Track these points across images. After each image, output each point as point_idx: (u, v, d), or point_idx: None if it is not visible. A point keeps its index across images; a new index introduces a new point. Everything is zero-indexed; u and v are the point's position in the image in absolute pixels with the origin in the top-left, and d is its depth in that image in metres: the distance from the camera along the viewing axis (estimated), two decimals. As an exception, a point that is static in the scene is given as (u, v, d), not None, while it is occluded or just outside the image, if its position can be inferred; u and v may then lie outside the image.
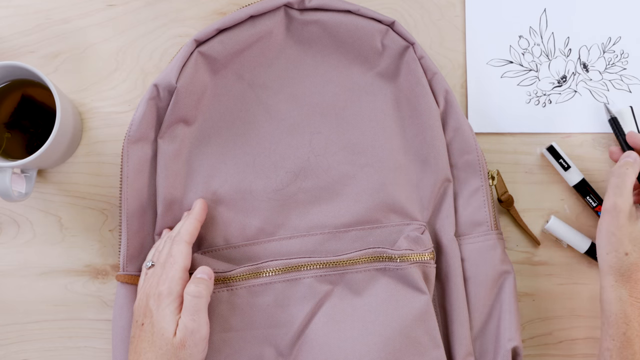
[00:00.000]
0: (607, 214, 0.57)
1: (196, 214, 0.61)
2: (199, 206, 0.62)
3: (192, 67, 0.62)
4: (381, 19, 0.64)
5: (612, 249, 0.57)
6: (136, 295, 0.61)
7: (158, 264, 0.58)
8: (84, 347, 0.67)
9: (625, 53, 0.69)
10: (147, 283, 0.58)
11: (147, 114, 0.62)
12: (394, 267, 0.61)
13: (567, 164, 0.67)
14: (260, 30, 0.63)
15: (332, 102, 0.65)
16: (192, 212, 0.61)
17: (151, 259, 0.60)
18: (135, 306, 0.58)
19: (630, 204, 0.57)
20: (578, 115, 0.69)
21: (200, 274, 0.58)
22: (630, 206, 0.57)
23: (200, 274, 0.58)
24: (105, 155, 0.68)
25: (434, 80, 0.64)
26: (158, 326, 0.55)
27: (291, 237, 0.64)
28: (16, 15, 0.69)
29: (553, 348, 0.68)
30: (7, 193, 0.60)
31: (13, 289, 0.67)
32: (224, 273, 0.60)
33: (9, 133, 0.65)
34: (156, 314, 0.55)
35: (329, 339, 0.60)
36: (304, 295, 0.61)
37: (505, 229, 0.68)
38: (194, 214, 0.61)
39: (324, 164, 0.64)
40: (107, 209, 0.68)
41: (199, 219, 0.61)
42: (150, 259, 0.60)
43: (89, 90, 0.69)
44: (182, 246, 0.58)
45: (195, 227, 0.60)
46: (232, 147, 0.64)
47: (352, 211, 0.64)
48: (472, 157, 0.64)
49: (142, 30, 0.69)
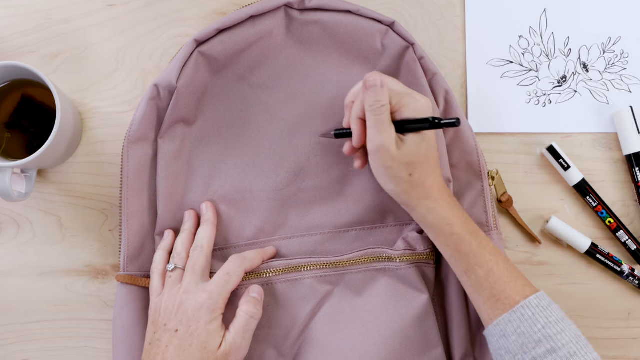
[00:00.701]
0: (376, 153, 0.56)
1: (214, 221, 0.62)
2: (212, 211, 0.63)
3: (192, 67, 0.62)
4: (381, 19, 0.64)
5: (396, 179, 0.56)
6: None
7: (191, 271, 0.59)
8: (84, 347, 0.67)
9: (625, 53, 0.69)
10: (176, 289, 0.58)
11: (147, 114, 0.62)
12: (393, 267, 0.61)
13: (567, 164, 0.67)
14: (261, 31, 0.63)
15: (332, 102, 0.65)
16: (207, 218, 0.62)
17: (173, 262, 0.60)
18: (157, 308, 0.58)
19: (393, 137, 0.55)
20: (578, 115, 0.69)
21: (254, 294, 0.59)
22: (395, 135, 0.56)
23: (254, 293, 0.59)
24: (105, 155, 0.68)
25: (433, 81, 0.64)
26: (199, 339, 0.55)
27: (291, 237, 0.64)
28: (16, 15, 0.69)
29: (553, 348, 0.68)
30: (7, 193, 0.60)
31: (13, 289, 0.67)
32: (224, 273, 0.61)
33: (9, 133, 0.64)
34: (197, 325, 0.56)
35: (329, 339, 0.60)
36: (304, 295, 0.61)
37: (505, 229, 0.69)
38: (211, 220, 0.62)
39: (324, 164, 0.64)
40: (107, 209, 0.68)
41: (215, 224, 0.63)
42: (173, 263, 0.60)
43: (89, 90, 0.69)
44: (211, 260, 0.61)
45: (214, 234, 0.62)
46: (232, 147, 0.64)
47: (352, 211, 0.64)
48: (472, 158, 0.64)
49: (142, 30, 0.69)
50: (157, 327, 0.57)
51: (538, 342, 0.53)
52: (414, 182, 0.56)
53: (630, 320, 0.69)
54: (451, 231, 0.57)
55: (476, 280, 0.57)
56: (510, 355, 0.55)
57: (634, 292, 0.69)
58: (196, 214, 0.63)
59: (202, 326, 0.56)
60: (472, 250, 0.57)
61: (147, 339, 0.57)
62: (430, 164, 0.57)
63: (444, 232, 0.57)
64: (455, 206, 0.58)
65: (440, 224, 0.57)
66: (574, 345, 0.53)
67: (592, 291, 0.69)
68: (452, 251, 0.57)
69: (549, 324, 0.54)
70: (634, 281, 0.68)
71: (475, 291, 0.57)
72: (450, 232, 0.57)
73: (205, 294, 0.57)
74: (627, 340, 0.68)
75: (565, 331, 0.54)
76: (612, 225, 0.68)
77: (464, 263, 0.57)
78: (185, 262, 0.60)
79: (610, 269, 0.68)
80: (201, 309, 0.56)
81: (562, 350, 0.53)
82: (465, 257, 0.57)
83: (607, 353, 0.68)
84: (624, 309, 0.69)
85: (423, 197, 0.57)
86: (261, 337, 0.61)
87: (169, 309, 0.57)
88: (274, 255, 0.63)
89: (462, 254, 0.57)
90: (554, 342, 0.53)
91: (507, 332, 0.55)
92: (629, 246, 0.68)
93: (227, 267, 0.59)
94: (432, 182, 0.57)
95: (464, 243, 0.57)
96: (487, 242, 0.57)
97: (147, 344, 0.57)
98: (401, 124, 0.56)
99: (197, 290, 0.57)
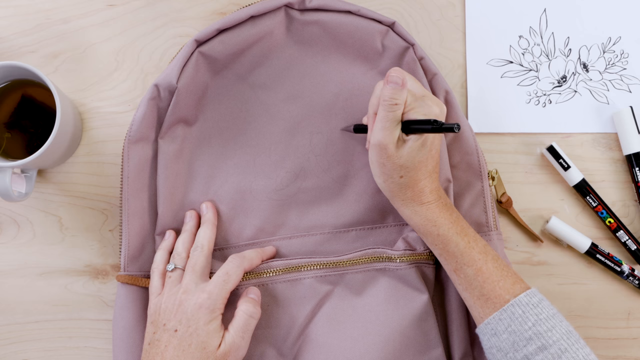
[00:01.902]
0: (374, 148, 0.57)
1: (214, 221, 0.63)
2: (211, 212, 0.63)
3: (192, 67, 0.62)
4: (381, 20, 0.64)
5: (387, 177, 0.58)
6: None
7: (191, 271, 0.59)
8: (84, 347, 0.67)
9: (625, 53, 0.69)
10: (176, 289, 0.58)
11: (147, 114, 0.62)
12: (393, 267, 0.61)
13: (567, 164, 0.67)
14: (261, 31, 0.63)
15: (332, 102, 0.65)
16: (208, 218, 0.63)
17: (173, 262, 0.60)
18: (156, 309, 0.58)
19: (395, 137, 0.56)
20: (578, 115, 0.69)
21: (252, 295, 0.59)
22: (396, 138, 0.56)
23: (252, 294, 0.59)
24: (105, 155, 0.68)
25: (433, 81, 0.64)
26: (199, 339, 0.55)
27: (291, 237, 0.64)
28: (16, 15, 0.69)
29: (553, 348, 0.68)
30: (7, 193, 0.60)
31: (13, 289, 0.67)
32: (225, 273, 0.61)
33: (9, 133, 0.64)
34: (197, 325, 0.56)
35: (329, 339, 0.60)
36: (304, 295, 0.61)
37: (505, 229, 0.69)
38: (211, 221, 0.62)
39: (324, 164, 0.65)
40: (107, 209, 0.68)
41: (215, 224, 0.63)
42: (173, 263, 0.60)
43: (89, 90, 0.69)
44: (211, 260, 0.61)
45: (214, 234, 0.62)
46: (233, 147, 0.64)
47: (352, 211, 0.64)
48: (472, 158, 0.64)
49: (142, 30, 0.69)
50: (156, 327, 0.57)
51: (529, 339, 0.54)
52: (403, 184, 0.57)
53: (630, 320, 0.69)
54: (437, 232, 0.58)
55: (465, 279, 0.57)
56: (502, 354, 0.55)
57: (634, 292, 0.69)
58: (197, 214, 0.64)
59: (201, 326, 0.56)
60: (459, 250, 0.57)
61: (147, 339, 0.57)
62: (425, 169, 0.57)
63: (430, 233, 0.58)
64: (444, 207, 0.58)
65: (426, 225, 0.58)
66: (564, 341, 0.53)
67: (592, 291, 0.69)
68: (440, 250, 0.58)
69: (539, 321, 0.54)
70: (634, 281, 0.68)
71: (465, 290, 0.58)
72: (436, 233, 0.58)
73: (205, 294, 0.57)
74: (627, 340, 0.69)
75: (556, 328, 0.54)
76: (612, 225, 0.68)
77: (453, 262, 0.58)
78: (186, 262, 0.60)
79: (610, 269, 0.68)
80: (200, 309, 0.56)
81: (553, 347, 0.53)
82: (452, 256, 0.58)
83: (607, 353, 0.68)
84: (624, 309, 0.69)
85: (410, 199, 0.58)
86: (261, 336, 0.61)
87: (168, 309, 0.57)
88: (274, 254, 0.63)
89: (450, 254, 0.58)
90: (544, 339, 0.53)
91: (498, 331, 0.55)
92: (629, 246, 0.68)
93: (226, 267, 0.59)
94: (422, 186, 0.58)
95: (450, 243, 0.57)
96: (476, 242, 0.58)
97: (146, 344, 0.57)
98: (406, 123, 0.56)
99: (196, 290, 0.57)
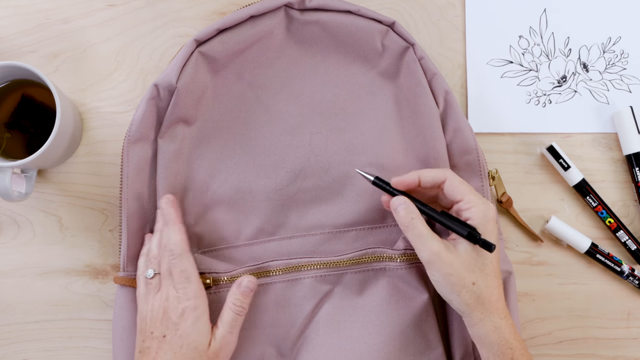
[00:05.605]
0: (431, 264, 0.55)
1: (175, 219, 0.60)
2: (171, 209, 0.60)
3: (192, 67, 0.62)
4: (381, 20, 0.64)
5: (459, 288, 0.55)
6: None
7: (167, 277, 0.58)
8: (84, 347, 0.67)
9: (625, 53, 0.69)
10: (158, 295, 0.57)
11: (147, 114, 0.62)
12: (393, 267, 0.61)
13: (567, 164, 0.67)
14: (261, 31, 0.63)
15: (332, 102, 0.65)
16: (169, 218, 0.60)
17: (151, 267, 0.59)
18: (143, 317, 0.57)
19: (440, 241, 0.55)
20: (578, 115, 0.69)
21: (243, 285, 0.58)
22: (441, 242, 0.55)
23: (243, 285, 0.58)
24: (105, 155, 0.68)
25: (433, 81, 0.64)
26: (189, 339, 0.55)
27: (291, 237, 0.64)
28: (16, 15, 0.69)
29: (553, 348, 0.68)
30: (7, 193, 0.60)
31: (13, 289, 0.67)
32: (224, 273, 0.61)
33: (9, 133, 0.64)
34: (184, 326, 0.55)
35: (329, 339, 0.60)
36: (304, 295, 0.61)
37: (505, 229, 0.69)
38: (172, 220, 0.59)
39: (324, 164, 0.64)
40: (107, 209, 0.68)
41: (180, 222, 0.60)
42: (151, 268, 0.59)
43: (89, 90, 0.69)
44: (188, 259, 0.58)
45: (183, 233, 0.59)
46: (232, 147, 0.64)
47: (352, 211, 0.64)
48: (472, 158, 0.64)
49: (142, 30, 0.69)
50: (144, 336, 0.57)
51: None
52: (479, 293, 0.55)
53: (630, 320, 0.69)
54: (512, 356, 0.54)
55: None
56: None
57: (634, 292, 0.69)
58: None
59: (189, 326, 0.56)
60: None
61: (137, 348, 0.57)
62: (493, 272, 0.55)
63: (504, 355, 0.55)
64: (513, 327, 0.56)
65: (503, 345, 0.55)
66: None
67: (592, 291, 0.69)
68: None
69: None
70: (634, 281, 0.68)
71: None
72: (510, 358, 0.55)
73: (189, 301, 0.56)
74: (627, 340, 0.69)
75: None
76: (612, 225, 0.68)
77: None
78: None
79: (610, 269, 0.68)
80: (184, 312, 0.56)
81: None
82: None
83: (607, 353, 0.68)
84: (624, 309, 0.69)
85: (490, 311, 0.55)
86: (261, 336, 0.61)
87: (154, 317, 0.57)
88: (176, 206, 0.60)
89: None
90: None
91: None
92: (629, 246, 0.68)
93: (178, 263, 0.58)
94: (498, 295, 0.55)
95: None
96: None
97: (137, 352, 0.57)
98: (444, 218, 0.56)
99: (177, 295, 0.57)
